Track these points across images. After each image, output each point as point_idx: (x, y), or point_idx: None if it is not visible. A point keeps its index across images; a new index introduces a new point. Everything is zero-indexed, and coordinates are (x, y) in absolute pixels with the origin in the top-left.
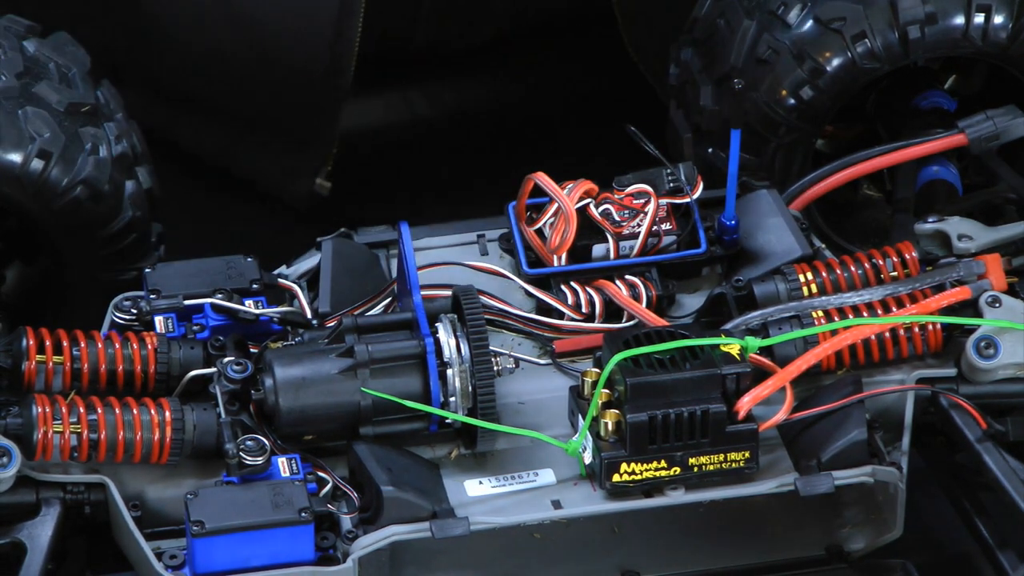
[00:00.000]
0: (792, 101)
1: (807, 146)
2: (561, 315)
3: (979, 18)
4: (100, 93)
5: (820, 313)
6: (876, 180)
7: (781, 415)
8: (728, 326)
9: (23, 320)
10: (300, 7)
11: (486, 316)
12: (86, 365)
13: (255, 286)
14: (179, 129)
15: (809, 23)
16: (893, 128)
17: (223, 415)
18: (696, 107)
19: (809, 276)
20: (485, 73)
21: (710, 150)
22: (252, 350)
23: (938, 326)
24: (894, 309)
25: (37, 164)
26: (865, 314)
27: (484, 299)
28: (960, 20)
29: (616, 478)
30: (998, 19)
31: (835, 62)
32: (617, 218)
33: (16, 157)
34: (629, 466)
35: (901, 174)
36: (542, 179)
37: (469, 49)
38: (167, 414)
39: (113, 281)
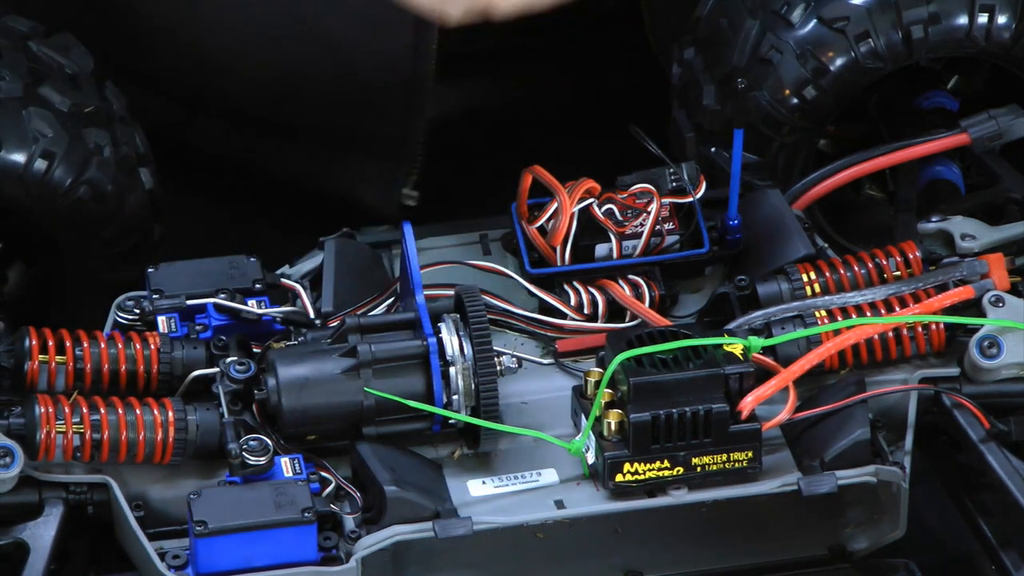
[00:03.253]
0: (795, 101)
1: (810, 146)
2: (564, 315)
3: (982, 18)
4: (104, 94)
5: (823, 313)
6: (879, 180)
7: (784, 415)
8: (731, 326)
9: (26, 320)
10: (376, 19)
11: (489, 316)
12: (89, 365)
13: (258, 286)
14: (262, 156)
15: (812, 23)
16: (896, 128)
17: (226, 415)
18: (699, 107)
19: (812, 276)
20: (488, 73)
21: (713, 150)
22: (255, 350)
23: (941, 326)
24: (897, 309)
25: (41, 165)
26: (868, 314)
27: (487, 299)
28: (963, 20)
29: (619, 478)
30: (1001, 19)
31: (838, 62)
32: (620, 218)
33: (20, 158)
34: (632, 466)
35: (904, 174)
36: (539, 172)
37: (472, 52)
38: (170, 414)
39: (116, 281)
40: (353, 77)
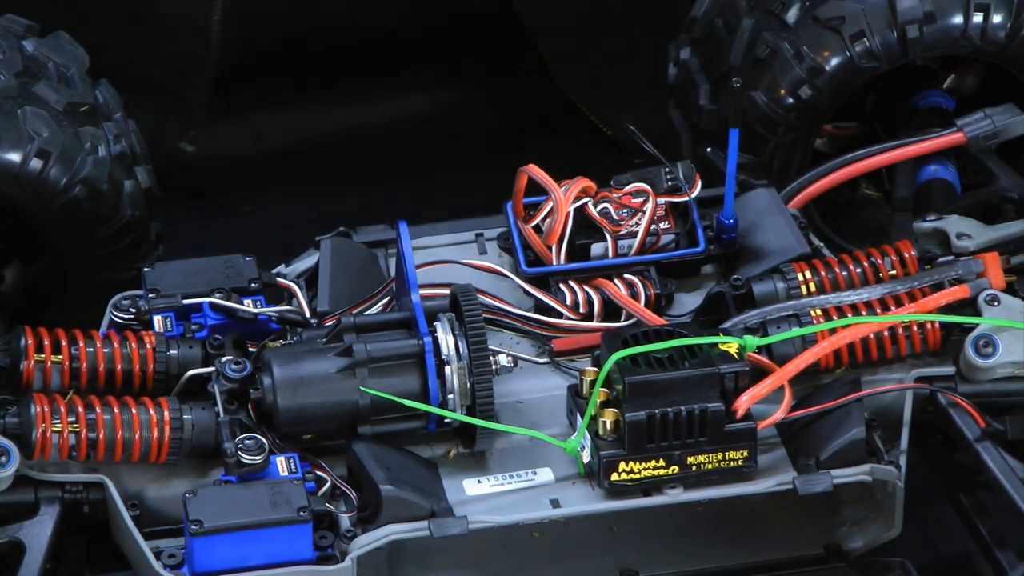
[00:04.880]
0: (791, 100)
1: (806, 145)
2: (559, 314)
3: (978, 17)
4: (99, 93)
5: (818, 312)
6: (875, 179)
7: (779, 414)
8: (726, 325)
9: (22, 319)
10: None
11: (485, 315)
12: (85, 364)
13: (253, 285)
14: None
15: (808, 22)
16: (892, 127)
17: (221, 414)
18: (695, 106)
19: (808, 275)
20: (484, 71)
21: (709, 149)
22: (251, 349)
23: (936, 325)
24: (892, 308)
25: (36, 163)
26: (864, 313)
27: (482, 298)
28: (959, 19)
29: (614, 477)
30: (996, 18)
31: (834, 61)
32: (615, 217)
33: (15, 157)
34: (627, 465)
35: (900, 173)
36: (534, 171)
37: (467, 49)
38: (165, 413)
39: (112, 280)
40: (144, 14)
